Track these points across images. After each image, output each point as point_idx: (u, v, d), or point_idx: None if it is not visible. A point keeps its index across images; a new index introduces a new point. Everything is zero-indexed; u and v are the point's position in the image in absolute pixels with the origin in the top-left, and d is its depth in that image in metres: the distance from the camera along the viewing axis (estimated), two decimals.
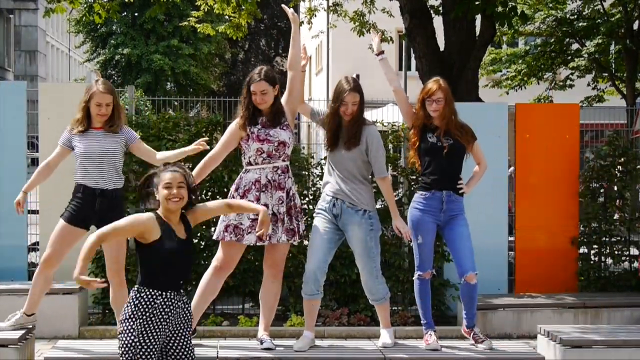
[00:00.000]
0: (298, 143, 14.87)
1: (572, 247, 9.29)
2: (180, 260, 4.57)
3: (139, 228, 4.53)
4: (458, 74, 10.64)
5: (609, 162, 9.49)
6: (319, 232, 6.26)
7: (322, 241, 6.25)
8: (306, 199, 9.08)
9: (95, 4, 11.59)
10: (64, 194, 8.87)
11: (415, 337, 8.23)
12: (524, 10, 12.54)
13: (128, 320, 4.46)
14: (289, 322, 8.46)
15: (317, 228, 6.28)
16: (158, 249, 4.50)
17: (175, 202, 4.59)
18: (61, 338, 7.82)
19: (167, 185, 4.59)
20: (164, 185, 4.60)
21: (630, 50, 17.23)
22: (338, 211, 6.22)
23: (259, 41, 45.84)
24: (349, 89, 6.26)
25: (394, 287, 8.97)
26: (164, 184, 4.60)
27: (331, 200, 6.24)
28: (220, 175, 8.85)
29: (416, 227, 6.41)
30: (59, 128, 8.93)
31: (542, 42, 19.06)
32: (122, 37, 35.37)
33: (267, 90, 6.08)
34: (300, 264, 8.83)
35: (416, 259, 6.55)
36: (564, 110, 9.68)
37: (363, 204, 6.23)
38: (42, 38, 46.44)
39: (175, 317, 4.53)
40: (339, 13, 14.08)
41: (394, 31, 15.35)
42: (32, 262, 9.26)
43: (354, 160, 6.21)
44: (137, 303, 4.46)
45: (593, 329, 7.16)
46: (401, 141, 9.17)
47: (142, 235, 4.52)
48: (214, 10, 12.25)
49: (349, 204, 6.21)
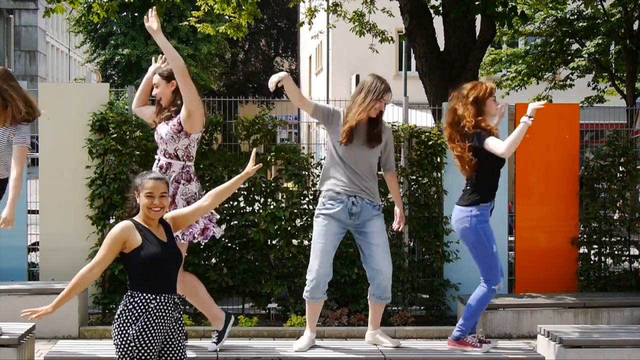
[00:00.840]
0: (298, 143, 14.89)
1: (572, 247, 9.29)
2: (166, 263, 4.54)
3: (119, 242, 4.49)
4: (458, 74, 10.64)
5: (609, 162, 9.49)
6: (329, 236, 6.16)
7: (332, 247, 6.20)
8: (306, 199, 9.08)
9: (95, 4, 11.58)
10: (64, 194, 8.92)
11: (416, 337, 8.24)
12: (524, 10, 12.53)
13: (123, 325, 4.42)
14: (289, 322, 8.47)
15: (326, 232, 6.16)
16: (141, 255, 4.47)
17: (157, 212, 4.58)
18: (61, 338, 7.83)
19: (148, 194, 4.55)
20: (146, 193, 4.55)
21: (630, 50, 17.23)
22: (358, 209, 6.14)
23: (259, 41, 45.86)
24: (388, 87, 6.26)
25: (394, 287, 8.97)
26: (145, 192, 4.56)
27: (349, 199, 6.14)
28: (220, 175, 8.85)
29: (490, 237, 6.20)
30: (59, 128, 8.99)
31: (542, 42, 19.05)
32: (122, 38, 35.37)
33: (159, 84, 6.09)
34: (300, 264, 8.84)
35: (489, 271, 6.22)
36: (564, 110, 9.68)
37: (377, 199, 6.27)
38: (42, 38, 46.44)
39: (169, 321, 4.51)
40: (339, 13, 14.07)
41: (394, 31, 15.33)
42: (32, 262, 9.26)
43: (374, 157, 6.24)
44: (131, 308, 4.43)
45: (593, 329, 7.16)
46: (401, 141, 9.18)
47: (124, 246, 4.50)
48: (214, 10, 12.24)
49: (368, 200, 6.19)
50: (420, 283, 9.13)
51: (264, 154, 9.11)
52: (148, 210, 4.55)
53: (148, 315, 4.42)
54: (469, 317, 6.31)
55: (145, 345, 4.39)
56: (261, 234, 8.71)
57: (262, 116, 9.13)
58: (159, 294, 4.47)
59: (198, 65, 36.20)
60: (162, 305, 4.47)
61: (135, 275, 4.50)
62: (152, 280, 4.48)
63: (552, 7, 18.04)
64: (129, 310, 4.43)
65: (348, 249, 8.84)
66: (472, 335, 6.35)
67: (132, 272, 4.52)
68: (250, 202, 9.02)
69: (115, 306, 8.47)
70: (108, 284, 8.74)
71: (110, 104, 9.05)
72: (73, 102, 9.01)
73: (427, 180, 9.11)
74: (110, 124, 8.78)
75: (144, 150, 8.74)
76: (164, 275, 4.52)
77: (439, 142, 9.03)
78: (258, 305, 8.95)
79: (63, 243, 8.76)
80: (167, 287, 4.53)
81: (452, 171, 9.19)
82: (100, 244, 8.65)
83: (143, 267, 4.48)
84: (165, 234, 4.63)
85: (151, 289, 4.46)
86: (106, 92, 9.23)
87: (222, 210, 8.84)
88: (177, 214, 4.82)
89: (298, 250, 8.85)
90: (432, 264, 9.20)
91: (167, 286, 4.53)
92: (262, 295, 8.85)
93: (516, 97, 13.79)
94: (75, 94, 9.28)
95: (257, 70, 44.45)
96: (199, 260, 8.74)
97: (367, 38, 14.18)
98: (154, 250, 4.49)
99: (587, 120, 10.67)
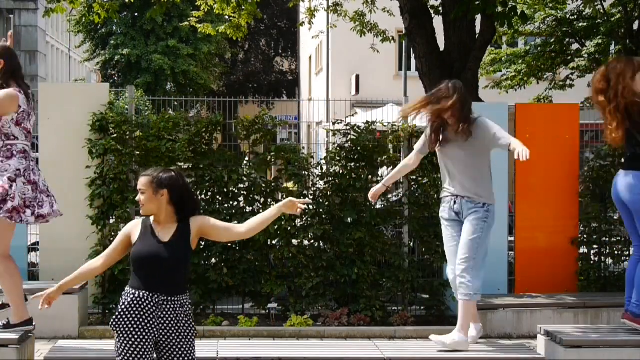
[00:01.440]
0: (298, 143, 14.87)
1: (572, 247, 9.29)
2: (159, 263, 4.50)
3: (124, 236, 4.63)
4: (458, 74, 10.62)
5: (609, 162, 9.49)
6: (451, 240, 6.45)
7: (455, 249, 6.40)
8: (306, 199, 9.07)
9: (95, 4, 11.59)
10: (64, 194, 8.90)
11: (416, 337, 8.23)
12: (524, 10, 12.53)
13: (116, 319, 4.48)
14: (289, 322, 8.46)
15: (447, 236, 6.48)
16: (132, 252, 4.56)
17: (141, 208, 4.61)
18: (61, 338, 7.82)
19: (139, 190, 4.63)
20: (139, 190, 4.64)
21: (630, 50, 17.20)
22: (459, 207, 6.37)
23: (259, 41, 45.85)
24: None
25: (394, 287, 8.98)
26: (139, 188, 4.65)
27: (451, 199, 6.39)
28: (220, 175, 8.85)
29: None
30: (59, 128, 8.98)
31: (542, 42, 19.04)
32: (122, 38, 35.39)
33: None
34: (300, 264, 8.84)
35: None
36: (564, 110, 9.68)
37: (482, 198, 6.36)
38: (42, 38, 46.47)
39: (167, 320, 4.48)
40: (339, 13, 14.06)
41: (394, 31, 15.30)
42: (32, 262, 9.26)
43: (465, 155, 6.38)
44: (124, 302, 4.49)
45: (593, 329, 7.16)
46: (401, 141, 9.18)
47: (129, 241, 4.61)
48: (214, 10, 12.24)
49: (467, 198, 6.34)
50: (420, 283, 9.13)
51: (264, 154, 9.12)
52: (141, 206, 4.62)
53: (138, 311, 4.44)
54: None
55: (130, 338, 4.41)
56: (261, 234, 8.69)
57: (262, 116, 9.13)
58: (153, 291, 4.47)
59: (198, 65, 36.23)
60: (156, 304, 4.45)
61: (133, 270, 4.58)
62: (142, 277, 4.50)
63: (552, 7, 18.03)
64: (122, 304, 4.49)
65: (348, 249, 8.85)
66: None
67: (132, 267, 4.59)
68: (250, 202, 9.02)
69: (115, 306, 8.47)
70: (108, 284, 8.74)
71: (110, 104, 9.05)
72: (73, 102, 9.01)
73: (427, 180, 9.10)
74: (110, 124, 8.79)
75: (144, 150, 8.74)
76: (153, 273, 4.49)
77: None
78: (258, 305, 8.95)
79: (63, 243, 8.76)
80: (163, 286, 4.49)
81: None
82: (101, 244, 8.72)
83: (133, 263, 4.55)
84: (173, 234, 4.57)
85: (145, 286, 4.48)
86: (106, 92, 9.23)
87: (222, 210, 8.85)
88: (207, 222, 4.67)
89: (298, 250, 8.85)
90: (432, 264, 9.19)
91: (163, 285, 4.49)
92: (262, 295, 8.84)
93: (516, 97, 13.76)
94: (75, 94, 9.29)
95: (257, 70, 44.45)
96: (199, 260, 8.74)
97: (368, 38, 14.16)
98: (145, 249, 4.51)
99: (587, 120, 10.65)
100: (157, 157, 8.71)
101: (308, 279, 8.78)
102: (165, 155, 8.70)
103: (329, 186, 9.08)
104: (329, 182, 9.10)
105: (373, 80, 26.94)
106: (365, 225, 8.91)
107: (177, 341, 4.54)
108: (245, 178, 8.99)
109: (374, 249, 8.93)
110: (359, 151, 9.07)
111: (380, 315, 8.68)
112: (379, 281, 9.02)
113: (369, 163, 9.09)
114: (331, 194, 9.05)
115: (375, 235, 8.97)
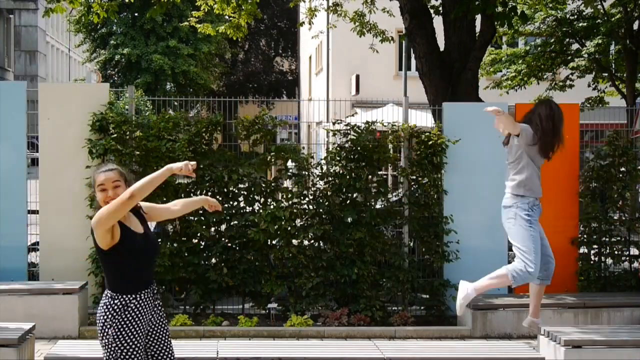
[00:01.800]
0: (298, 143, 14.88)
1: (572, 247, 9.29)
2: (146, 256, 4.45)
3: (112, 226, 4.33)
4: (458, 74, 10.64)
5: (609, 162, 9.49)
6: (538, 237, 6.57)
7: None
8: (306, 199, 9.08)
9: (94, 4, 11.58)
10: (64, 194, 8.91)
11: (416, 337, 8.23)
12: (524, 10, 12.53)
13: (104, 326, 4.33)
14: (289, 322, 8.45)
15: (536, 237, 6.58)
16: (121, 251, 4.33)
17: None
18: (61, 338, 7.82)
19: (101, 188, 4.35)
20: (99, 188, 4.36)
21: (630, 51, 17.21)
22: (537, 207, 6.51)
23: (259, 41, 45.85)
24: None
25: (394, 287, 8.98)
26: (98, 187, 4.37)
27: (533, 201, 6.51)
28: (220, 175, 8.85)
29: None
30: (59, 128, 8.99)
31: (542, 42, 19.04)
32: (122, 37, 35.39)
33: None
34: (300, 264, 8.84)
35: None
36: (564, 111, 9.64)
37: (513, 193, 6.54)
38: (42, 38, 46.46)
39: (149, 314, 4.43)
40: (339, 13, 14.07)
41: (394, 31, 15.32)
42: (32, 262, 9.26)
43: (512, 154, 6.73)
44: (111, 309, 4.33)
45: (593, 329, 7.17)
46: (401, 141, 9.17)
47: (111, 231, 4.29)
48: (214, 10, 12.24)
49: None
50: (420, 283, 9.13)
51: (264, 154, 9.12)
52: (105, 204, 4.32)
53: (127, 315, 4.32)
54: None
55: (127, 344, 4.31)
56: (261, 234, 8.70)
57: (262, 116, 9.13)
58: (138, 292, 4.37)
59: (198, 65, 36.23)
60: (142, 302, 4.38)
61: (116, 274, 4.37)
62: (132, 278, 4.37)
63: (552, 7, 18.03)
64: (109, 313, 4.32)
65: (348, 249, 8.85)
66: None
67: (112, 271, 4.38)
68: (250, 202, 9.02)
69: None
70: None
71: (110, 104, 9.05)
72: (73, 102, 9.01)
73: (427, 180, 9.10)
74: (110, 124, 8.78)
75: (144, 150, 8.74)
76: (144, 268, 4.43)
77: (439, 142, 9.02)
78: (258, 305, 8.95)
79: (63, 243, 8.76)
80: (146, 280, 4.42)
81: (452, 171, 9.20)
82: None
83: (124, 264, 4.35)
84: (140, 224, 4.47)
85: (131, 288, 4.36)
86: (106, 92, 9.23)
87: (222, 210, 8.84)
88: (153, 206, 4.66)
89: (298, 250, 8.85)
90: (432, 264, 9.19)
91: (146, 279, 4.42)
92: (262, 295, 8.84)
93: (516, 97, 13.76)
94: (75, 94, 9.29)
95: (257, 70, 44.45)
96: (199, 260, 8.74)
97: (367, 38, 14.16)
98: (133, 246, 4.36)
99: (587, 120, 10.65)
100: (157, 157, 8.71)
101: (308, 279, 8.78)
102: (165, 155, 8.70)
103: (329, 186, 9.08)
104: (329, 182, 9.10)
105: (373, 80, 26.93)
106: (365, 225, 8.91)
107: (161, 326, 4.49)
108: (246, 178, 8.99)
109: (374, 249, 8.93)
110: (359, 151, 9.07)
111: (380, 315, 8.68)
112: (379, 281, 9.02)
113: (369, 163, 9.09)
114: (331, 194, 9.05)
115: (375, 235, 8.97)
